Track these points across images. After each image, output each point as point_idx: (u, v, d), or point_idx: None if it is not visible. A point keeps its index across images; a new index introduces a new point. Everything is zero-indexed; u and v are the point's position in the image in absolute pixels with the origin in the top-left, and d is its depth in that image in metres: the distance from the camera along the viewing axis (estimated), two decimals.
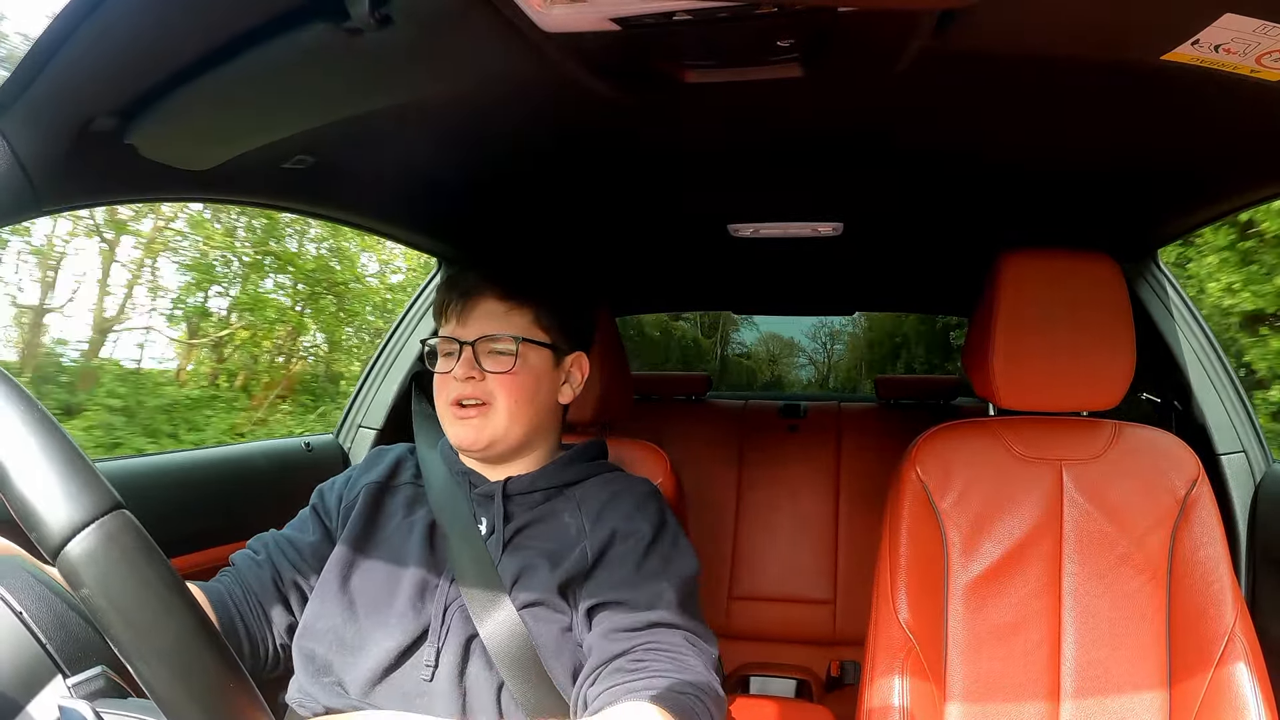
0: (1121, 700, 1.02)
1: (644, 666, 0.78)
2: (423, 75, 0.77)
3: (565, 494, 0.95)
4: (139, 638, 0.39)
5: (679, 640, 0.81)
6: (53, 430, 0.41)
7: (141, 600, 0.39)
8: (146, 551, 0.41)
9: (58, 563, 0.39)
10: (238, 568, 0.95)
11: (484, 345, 0.94)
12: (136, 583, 0.39)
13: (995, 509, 1.09)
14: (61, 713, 0.46)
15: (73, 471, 0.40)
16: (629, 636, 0.81)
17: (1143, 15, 0.65)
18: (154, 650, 0.39)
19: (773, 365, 5.65)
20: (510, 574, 0.88)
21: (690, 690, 0.75)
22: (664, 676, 0.76)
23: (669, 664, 0.78)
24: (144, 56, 0.68)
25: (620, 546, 0.89)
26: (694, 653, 0.81)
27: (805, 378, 6.02)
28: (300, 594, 0.94)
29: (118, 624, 0.39)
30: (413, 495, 0.98)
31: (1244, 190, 1.12)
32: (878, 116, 0.96)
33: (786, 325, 5.82)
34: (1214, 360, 1.37)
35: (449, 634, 0.86)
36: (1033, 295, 1.10)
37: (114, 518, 0.40)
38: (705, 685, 0.77)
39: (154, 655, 0.39)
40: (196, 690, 0.40)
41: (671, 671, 0.77)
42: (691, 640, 0.82)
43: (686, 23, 0.66)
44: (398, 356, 1.61)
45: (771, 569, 2.08)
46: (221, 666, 0.41)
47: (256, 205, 1.15)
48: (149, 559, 0.40)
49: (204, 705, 0.40)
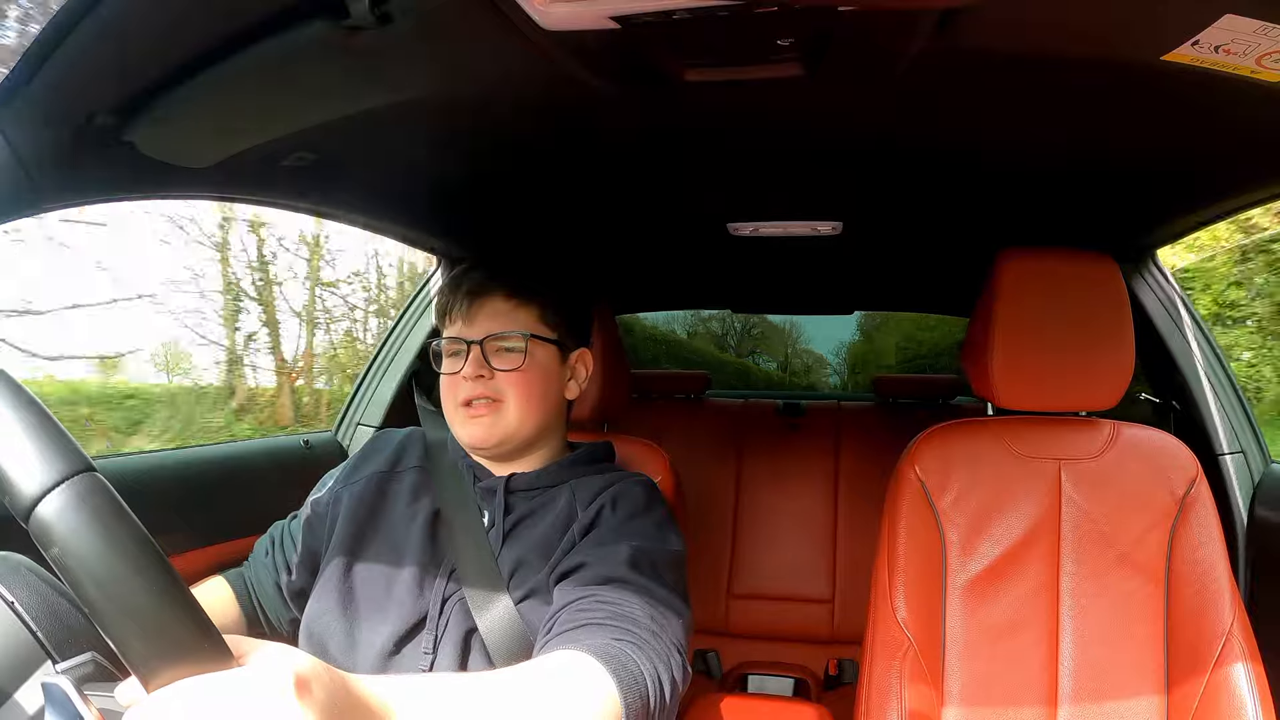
0: (1119, 700, 1.02)
1: (581, 616, 0.74)
2: (423, 73, 0.77)
3: (561, 485, 0.95)
4: (108, 597, 0.39)
5: (631, 598, 0.76)
6: (20, 394, 0.41)
7: (111, 559, 0.39)
8: (116, 511, 0.40)
9: (29, 524, 0.40)
10: (255, 556, 1.00)
11: (492, 344, 0.94)
12: (106, 542, 0.39)
13: (994, 508, 1.09)
14: (44, 690, 0.46)
15: (42, 434, 0.40)
16: (578, 589, 0.78)
17: (1143, 16, 0.65)
18: (124, 609, 0.39)
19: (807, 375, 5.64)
20: (509, 566, 0.88)
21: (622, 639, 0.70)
22: (601, 627, 0.72)
23: (605, 613, 0.74)
24: (144, 54, 0.68)
25: (602, 527, 0.88)
26: (639, 604, 0.76)
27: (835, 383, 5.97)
28: (299, 595, 0.96)
29: (87, 584, 0.39)
30: (417, 481, 0.98)
31: (1244, 190, 1.13)
32: (877, 116, 0.96)
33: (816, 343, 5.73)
34: (1213, 360, 1.37)
35: (448, 626, 0.86)
36: (1032, 295, 1.10)
37: (84, 478, 0.40)
38: (648, 647, 0.71)
39: (124, 614, 0.39)
40: (168, 649, 0.39)
41: (609, 625, 0.72)
42: (639, 593, 0.77)
43: (686, 21, 0.66)
44: (396, 355, 1.61)
45: (770, 568, 2.09)
46: (193, 625, 0.41)
47: (257, 203, 1.15)
48: (119, 518, 0.40)
49: (175, 665, 0.39)
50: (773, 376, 4.74)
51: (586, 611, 0.74)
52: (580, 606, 0.75)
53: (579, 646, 0.67)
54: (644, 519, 0.89)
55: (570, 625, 0.73)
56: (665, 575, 0.83)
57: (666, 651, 0.73)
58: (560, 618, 0.75)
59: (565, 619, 0.74)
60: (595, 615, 0.73)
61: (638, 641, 0.71)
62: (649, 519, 0.90)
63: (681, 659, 0.75)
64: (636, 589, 0.78)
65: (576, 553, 0.85)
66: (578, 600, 0.76)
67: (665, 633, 0.75)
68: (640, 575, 0.79)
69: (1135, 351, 1.10)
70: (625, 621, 0.72)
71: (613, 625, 0.72)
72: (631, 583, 0.78)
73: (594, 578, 0.79)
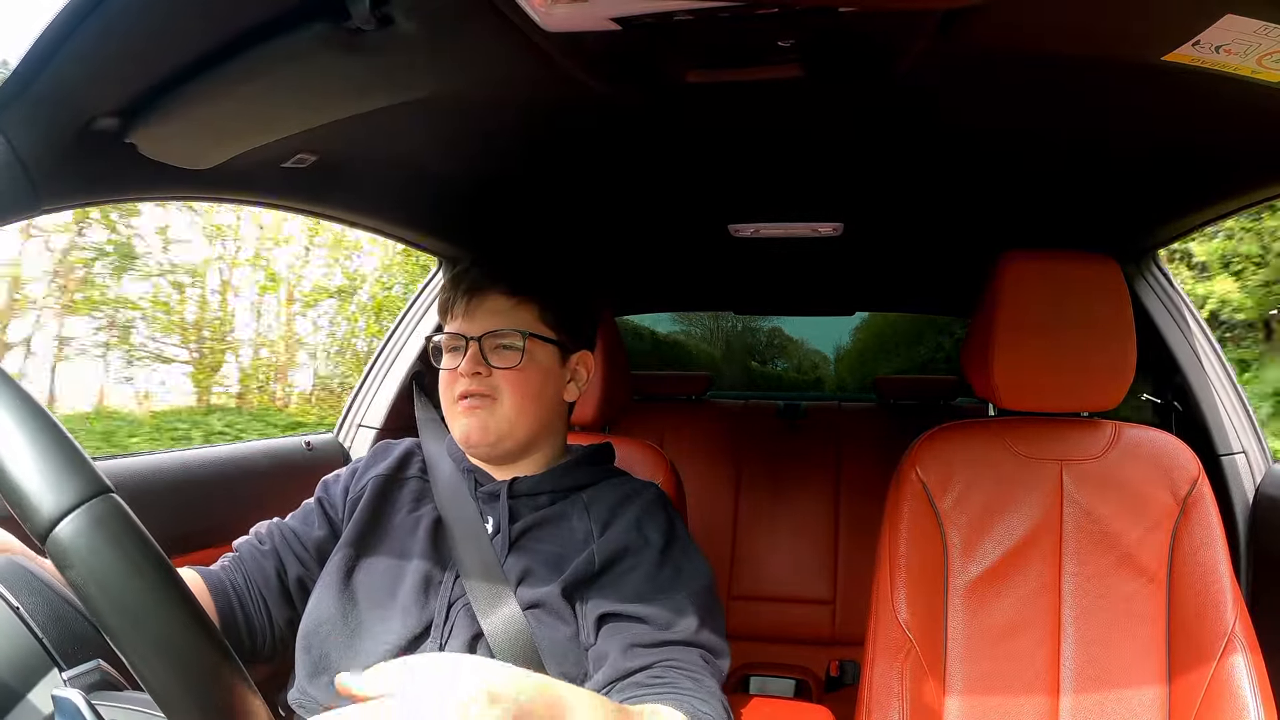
0: (1121, 701, 1.02)
1: (666, 682, 0.78)
2: (423, 74, 0.77)
3: (572, 497, 0.95)
4: (127, 621, 0.39)
5: (696, 659, 0.81)
6: (40, 415, 0.41)
7: (129, 583, 0.39)
8: (135, 535, 0.40)
9: (46, 545, 0.39)
10: (241, 555, 0.95)
11: (490, 341, 0.93)
12: (125, 566, 0.39)
13: (995, 509, 1.09)
14: (55, 702, 0.46)
15: (61, 456, 0.40)
16: (647, 653, 0.81)
17: (1143, 16, 0.65)
18: (142, 634, 0.39)
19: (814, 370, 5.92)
20: (515, 574, 0.87)
21: (708, 713, 0.75)
22: (687, 694, 0.76)
23: (690, 683, 0.78)
24: (144, 55, 0.68)
25: (632, 558, 0.88)
26: (708, 672, 0.81)
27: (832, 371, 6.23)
28: (302, 588, 0.94)
29: (106, 607, 0.39)
30: (419, 489, 0.98)
31: (1244, 190, 1.13)
32: (878, 117, 0.96)
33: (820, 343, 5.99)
34: (1214, 361, 1.37)
35: (453, 631, 0.85)
36: (1033, 296, 1.10)
37: (102, 501, 0.40)
38: (721, 707, 0.78)
39: (141, 639, 0.39)
40: (186, 675, 0.39)
41: (692, 691, 0.77)
42: (707, 659, 0.82)
43: (687, 23, 0.66)
44: (398, 355, 1.61)
45: (771, 569, 2.08)
46: (213, 651, 0.40)
47: (257, 205, 1.15)
48: (137, 542, 0.40)
49: (195, 690, 0.39)
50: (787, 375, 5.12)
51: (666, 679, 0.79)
52: (656, 673, 0.79)
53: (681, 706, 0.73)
54: (674, 550, 0.91)
55: (657, 690, 0.77)
56: (714, 618, 0.87)
57: (725, 704, 0.79)
58: (636, 679, 0.79)
59: (644, 681, 0.78)
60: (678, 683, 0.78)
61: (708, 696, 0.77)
62: (677, 547, 0.91)
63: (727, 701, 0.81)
64: (699, 649, 0.82)
65: (616, 595, 0.86)
66: (652, 666, 0.80)
67: (720, 688, 0.81)
68: (700, 631, 0.83)
69: (1137, 352, 1.10)
70: (701, 692, 0.78)
71: (694, 695, 0.77)
72: (697, 644, 0.83)
73: (657, 639, 0.82)
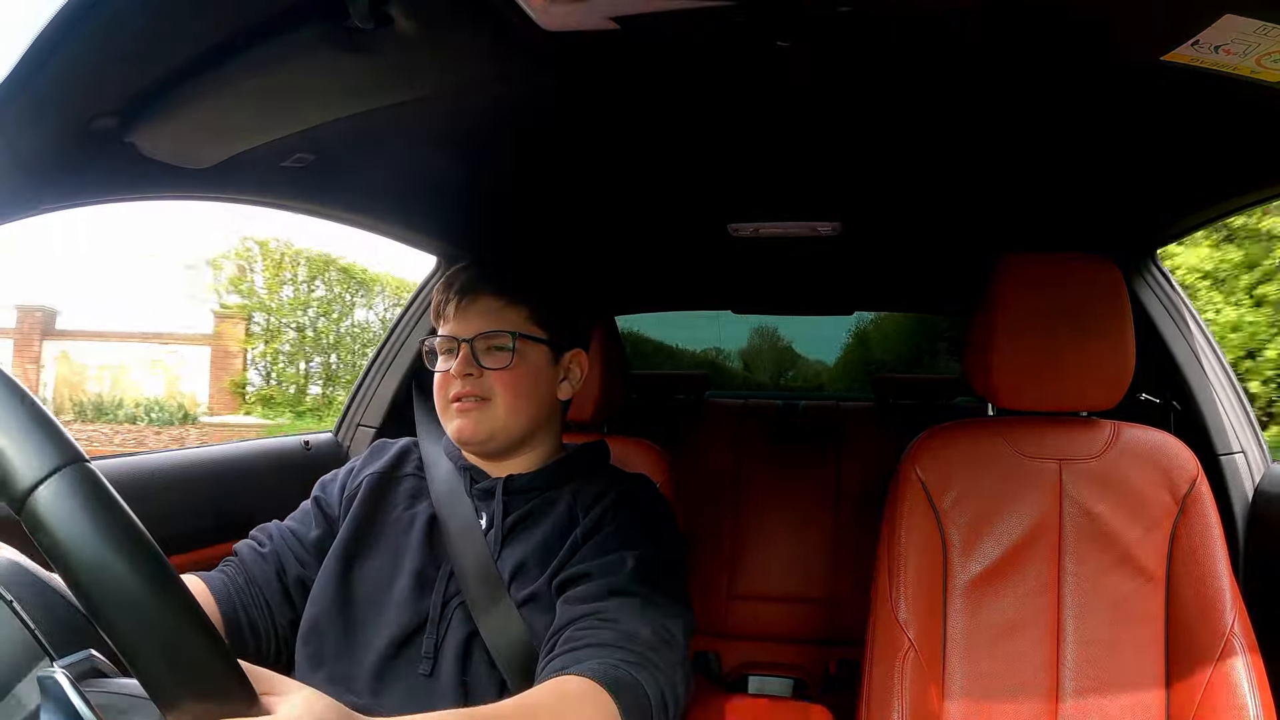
0: (1120, 700, 1.02)
1: (585, 636, 0.75)
2: (422, 74, 0.77)
3: (563, 489, 0.95)
4: (100, 585, 0.39)
5: (632, 609, 0.78)
6: (13, 386, 0.42)
7: (103, 548, 0.40)
8: (107, 501, 0.41)
9: (22, 514, 0.40)
10: (241, 558, 0.95)
11: (482, 342, 0.94)
12: (98, 532, 0.40)
13: (995, 508, 1.09)
14: (40, 683, 0.46)
15: (35, 425, 0.41)
16: (582, 606, 0.79)
17: (1143, 16, 0.65)
18: (115, 598, 0.39)
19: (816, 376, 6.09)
20: (509, 569, 0.88)
21: (628, 661, 0.72)
22: (603, 647, 0.73)
23: (610, 633, 0.75)
24: (144, 55, 0.68)
25: (605, 532, 0.88)
26: (644, 620, 0.77)
27: None
28: (303, 588, 0.94)
29: (79, 572, 0.40)
30: (415, 487, 0.98)
31: (1244, 190, 1.13)
32: (878, 116, 0.96)
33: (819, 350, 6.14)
34: (1213, 360, 1.37)
35: (449, 630, 0.86)
36: (1033, 297, 1.10)
37: (75, 469, 0.40)
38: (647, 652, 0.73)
39: (115, 603, 0.40)
40: (159, 637, 0.40)
41: (613, 642, 0.73)
42: (644, 607, 0.78)
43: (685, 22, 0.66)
44: (397, 355, 1.61)
45: (770, 568, 2.08)
46: (184, 614, 0.41)
47: (256, 204, 1.15)
48: (110, 508, 0.41)
49: (167, 652, 0.40)
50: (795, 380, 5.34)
51: (591, 631, 0.75)
52: (584, 625, 0.76)
53: (583, 670, 0.68)
54: (646, 523, 0.89)
55: (574, 645, 0.73)
56: (669, 582, 0.84)
57: (671, 667, 0.74)
58: (564, 635, 0.76)
59: (569, 637, 0.75)
60: (600, 635, 0.74)
61: (642, 662, 0.72)
62: (651, 523, 0.90)
63: (686, 671, 0.76)
64: (641, 601, 0.78)
65: (579, 560, 0.85)
66: (581, 619, 0.77)
67: (670, 647, 0.76)
68: (644, 586, 0.80)
69: (1136, 352, 1.10)
70: (630, 641, 0.73)
71: (617, 647, 0.72)
72: (636, 595, 0.79)
73: (598, 591, 0.79)
